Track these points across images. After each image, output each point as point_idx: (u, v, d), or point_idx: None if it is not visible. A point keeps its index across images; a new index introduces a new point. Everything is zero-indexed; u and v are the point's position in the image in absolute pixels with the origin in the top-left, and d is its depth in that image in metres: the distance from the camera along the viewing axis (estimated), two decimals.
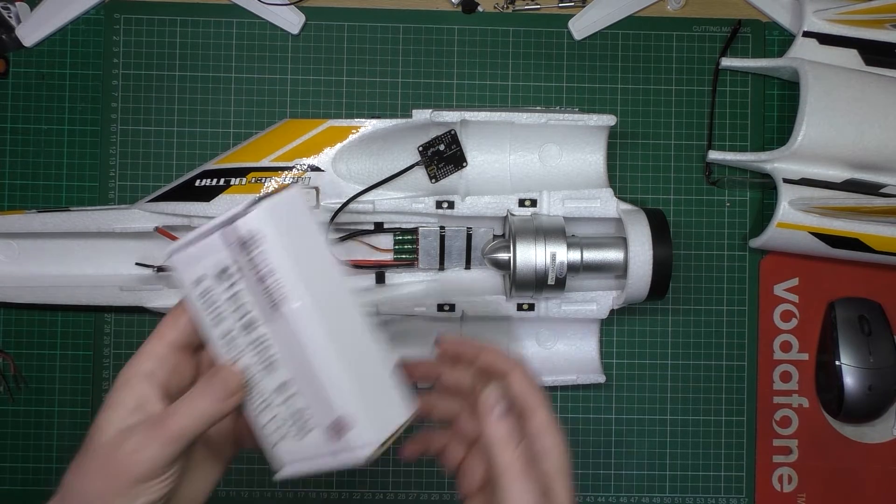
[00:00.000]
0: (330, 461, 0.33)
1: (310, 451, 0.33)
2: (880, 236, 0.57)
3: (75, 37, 0.61)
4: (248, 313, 0.31)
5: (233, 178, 0.56)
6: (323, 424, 0.32)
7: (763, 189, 0.62)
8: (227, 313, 0.32)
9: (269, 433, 0.34)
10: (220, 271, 0.31)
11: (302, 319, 0.31)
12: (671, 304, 0.62)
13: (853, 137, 0.57)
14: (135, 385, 0.33)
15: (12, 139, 0.61)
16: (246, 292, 0.31)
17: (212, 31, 0.61)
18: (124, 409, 0.33)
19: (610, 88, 0.62)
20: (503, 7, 0.62)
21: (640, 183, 0.62)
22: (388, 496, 0.61)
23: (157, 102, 0.61)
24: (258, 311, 0.31)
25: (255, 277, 0.30)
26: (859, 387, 0.59)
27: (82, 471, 0.33)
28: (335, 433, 0.32)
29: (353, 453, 0.32)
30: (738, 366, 0.62)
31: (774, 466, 0.62)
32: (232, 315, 0.32)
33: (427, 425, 0.41)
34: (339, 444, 0.32)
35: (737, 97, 0.63)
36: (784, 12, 0.62)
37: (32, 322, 0.61)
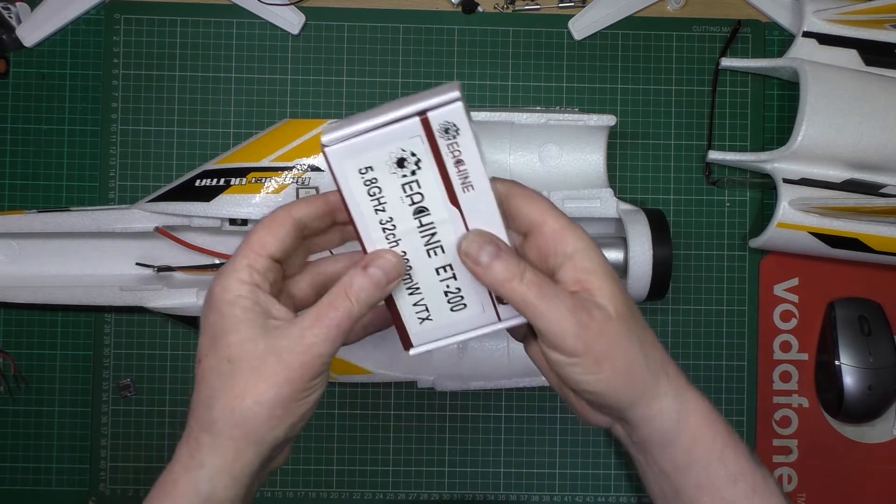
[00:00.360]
0: (483, 330, 0.36)
1: (460, 326, 0.36)
2: (880, 236, 0.57)
3: (75, 37, 0.61)
4: (423, 200, 0.33)
5: (233, 178, 0.56)
6: (482, 299, 0.35)
7: (763, 189, 0.62)
8: (393, 200, 0.33)
9: (415, 313, 0.36)
10: (399, 160, 0.32)
11: (489, 199, 0.33)
12: (671, 304, 0.62)
13: (853, 137, 0.57)
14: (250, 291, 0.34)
15: (12, 139, 0.61)
16: (428, 178, 0.33)
17: (212, 31, 0.61)
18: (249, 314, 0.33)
19: (610, 88, 0.62)
20: (503, 7, 0.62)
21: (640, 183, 0.62)
22: (388, 496, 0.61)
23: (157, 102, 0.61)
24: (438, 196, 0.33)
25: (452, 161, 0.32)
26: (859, 387, 0.59)
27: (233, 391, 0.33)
28: (499, 302, 0.35)
29: (515, 319, 0.36)
30: (737, 366, 0.62)
31: (774, 466, 0.62)
32: (399, 202, 0.33)
33: None
34: (503, 310, 0.36)
35: (737, 97, 0.63)
36: (784, 12, 0.62)
37: (32, 322, 0.61)
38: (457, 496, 0.62)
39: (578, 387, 0.35)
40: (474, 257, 0.33)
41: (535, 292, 0.32)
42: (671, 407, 0.35)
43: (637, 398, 0.35)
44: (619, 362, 0.33)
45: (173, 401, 0.61)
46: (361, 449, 0.61)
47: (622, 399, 0.34)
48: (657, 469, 0.37)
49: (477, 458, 0.62)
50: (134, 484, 0.61)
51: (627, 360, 0.34)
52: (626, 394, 0.34)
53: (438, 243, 0.34)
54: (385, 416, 0.61)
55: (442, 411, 0.62)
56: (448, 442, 0.62)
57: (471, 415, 0.62)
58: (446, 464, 0.62)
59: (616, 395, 0.34)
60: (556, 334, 0.33)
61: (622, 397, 0.34)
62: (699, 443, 0.36)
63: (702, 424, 0.36)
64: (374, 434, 0.61)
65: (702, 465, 0.36)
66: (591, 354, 0.33)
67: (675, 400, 0.35)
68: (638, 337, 0.34)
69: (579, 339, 0.33)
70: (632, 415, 0.35)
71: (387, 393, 0.62)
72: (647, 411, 0.35)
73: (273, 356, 0.33)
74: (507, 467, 0.62)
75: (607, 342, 0.33)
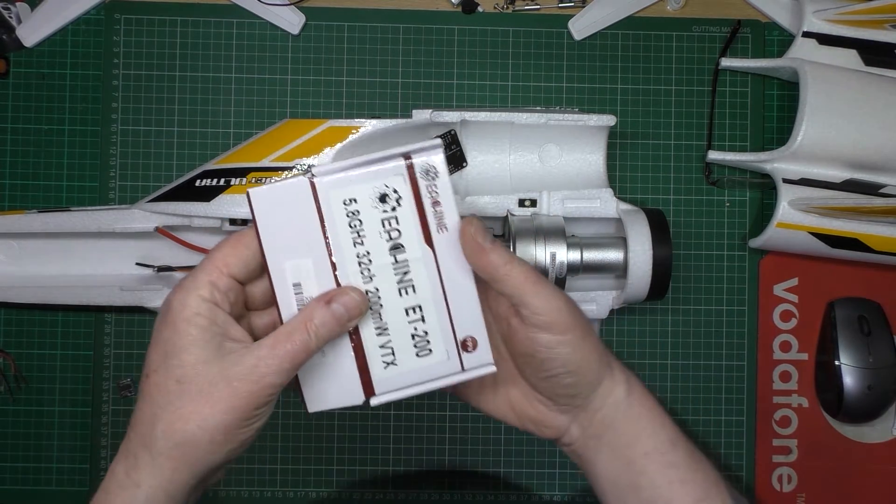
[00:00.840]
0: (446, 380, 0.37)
1: (423, 374, 0.37)
2: (880, 236, 0.57)
3: (75, 37, 0.61)
4: (399, 236, 0.35)
5: (233, 178, 0.56)
6: (447, 345, 0.37)
7: (763, 189, 0.62)
8: (372, 234, 0.35)
9: (380, 356, 0.37)
10: (381, 196, 0.35)
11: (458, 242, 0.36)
12: (671, 304, 0.62)
13: (853, 137, 0.57)
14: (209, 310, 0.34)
15: (12, 139, 0.61)
16: (406, 215, 0.35)
17: (212, 31, 0.61)
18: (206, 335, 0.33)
19: (610, 88, 0.62)
20: (503, 7, 0.62)
21: (640, 183, 0.62)
22: (388, 496, 0.61)
23: (157, 102, 0.61)
24: (414, 234, 0.35)
25: (430, 201, 0.35)
26: (859, 387, 0.59)
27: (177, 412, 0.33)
28: (463, 350, 0.37)
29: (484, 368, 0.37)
30: (737, 366, 0.62)
31: (774, 466, 0.62)
32: (377, 237, 0.35)
33: None
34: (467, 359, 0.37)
35: (737, 97, 0.63)
36: (784, 12, 0.62)
37: (32, 322, 0.61)
38: (457, 496, 0.62)
39: (565, 367, 0.38)
40: (479, 240, 0.35)
41: (530, 275, 0.36)
42: (622, 379, 0.40)
43: (603, 375, 0.39)
44: (580, 330, 0.38)
45: None
46: (361, 449, 0.61)
47: (595, 376, 0.39)
48: (608, 453, 0.40)
49: (477, 458, 0.62)
50: None
51: (586, 329, 0.38)
52: (598, 371, 0.39)
53: (410, 282, 0.36)
54: (385, 416, 0.61)
55: (442, 411, 0.62)
56: (448, 442, 0.62)
57: (471, 415, 0.62)
58: (446, 464, 0.62)
59: (592, 373, 0.38)
60: (550, 310, 0.36)
61: (595, 375, 0.38)
62: (644, 413, 0.40)
63: (643, 394, 0.41)
64: (374, 434, 0.61)
65: (647, 433, 0.40)
66: (578, 329, 0.37)
67: (622, 374, 0.40)
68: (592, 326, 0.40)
69: (570, 313, 0.37)
70: (597, 394, 0.39)
71: None
72: (609, 387, 0.39)
73: (223, 382, 0.33)
74: (507, 467, 0.62)
75: (571, 317, 0.37)
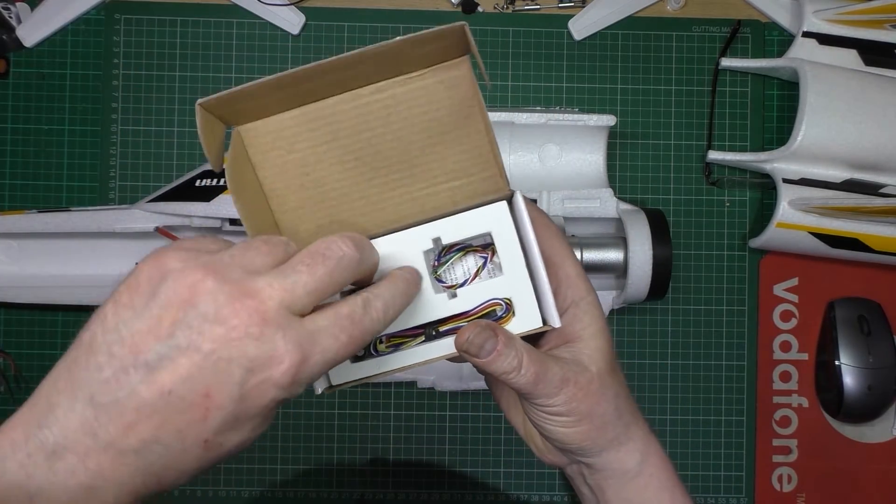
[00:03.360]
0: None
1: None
2: (880, 236, 0.57)
3: (75, 37, 0.61)
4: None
5: None
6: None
7: (763, 189, 0.62)
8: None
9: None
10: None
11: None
12: (671, 304, 0.62)
13: (853, 137, 0.57)
14: None
15: (12, 139, 0.61)
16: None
17: (212, 31, 0.61)
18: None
19: (610, 88, 0.62)
20: (503, 7, 0.62)
21: (640, 183, 0.62)
22: (388, 496, 0.61)
23: (157, 102, 0.61)
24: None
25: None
26: (859, 387, 0.59)
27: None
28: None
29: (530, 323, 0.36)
30: (737, 366, 0.62)
31: (774, 466, 0.62)
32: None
33: None
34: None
35: (737, 97, 0.63)
36: (784, 12, 0.62)
37: (32, 322, 0.61)
38: (457, 496, 0.62)
39: (553, 436, 0.37)
40: (475, 352, 0.33)
41: (531, 380, 0.34)
42: (637, 449, 0.38)
43: (606, 446, 0.38)
44: (596, 419, 0.36)
45: None
46: (361, 449, 0.61)
47: (593, 448, 0.38)
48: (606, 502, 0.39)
49: (477, 458, 0.62)
50: None
51: (603, 416, 0.37)
52: (597, 443, 0.37)
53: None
54: (385, 416, 0.61)
55: (442, 411, 0.62)
56: (448, 442, 0.62)
57: (471, 415, 0.62)
58: (446, 464, 0.62)
59: (589, 445, 0.37)
60: (545, 405, 0.36)
61: (594, 446, 0.37)
62: (654, 482, 0.39)
63: (659, 465, 0.39)
64: (374, 434, 0.61)
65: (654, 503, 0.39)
66: (573, 415, 0.36)
67: (641, 443, 0.39)
68: (615, 393, 0.37)
69: (566, 405, 0.35)
70: (597, 459, 0.38)
71: (387, 393, 0.62)
72: (615, 455, 0.38)
73: None
74: (507, 467, 0.62)
75: (588, 404, 0.36)
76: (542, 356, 0.35)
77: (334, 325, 0.28)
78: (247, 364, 0.26)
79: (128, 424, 0.26)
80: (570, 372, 0.35)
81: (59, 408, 0.26)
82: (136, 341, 0.26)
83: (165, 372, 0.26)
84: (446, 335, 0.35)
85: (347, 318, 0.29)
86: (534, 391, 0.35)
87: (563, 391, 0.35)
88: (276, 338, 0.26)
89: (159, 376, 0.26)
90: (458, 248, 0.36)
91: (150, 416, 0.26)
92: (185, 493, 0.61)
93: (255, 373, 0.26)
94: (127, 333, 0.26)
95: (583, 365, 0.36)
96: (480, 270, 0.35)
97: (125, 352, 0.26)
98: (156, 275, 0.27)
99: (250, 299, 0.26)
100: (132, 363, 0.26)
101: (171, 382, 0.26)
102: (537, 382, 0.34)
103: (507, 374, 0.34)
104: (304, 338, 0.27)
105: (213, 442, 0.27)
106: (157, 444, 0.26)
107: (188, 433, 0.26)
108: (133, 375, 0.26)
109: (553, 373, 0.35)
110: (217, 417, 0.26)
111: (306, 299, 0.28)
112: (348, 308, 0.29)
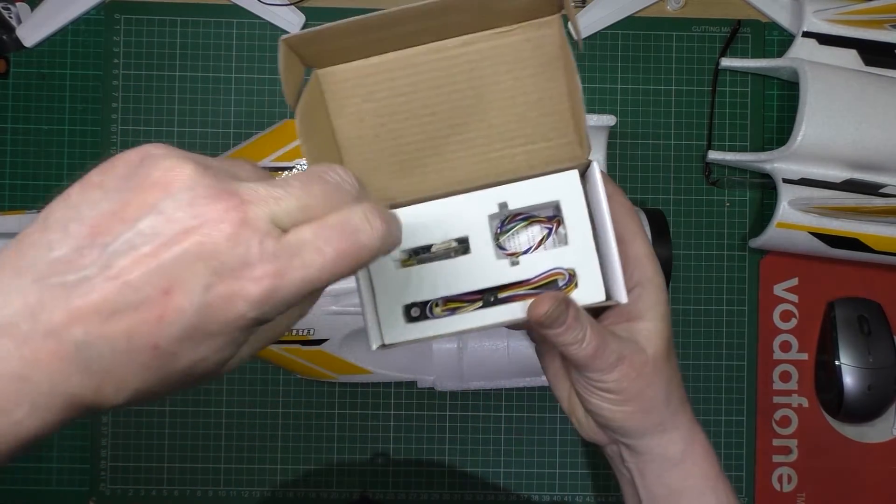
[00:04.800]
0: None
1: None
2: (879, 236, 0.57)
3: (76, 37, 0.61)
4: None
5: None
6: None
7: (763, 189, 0.62)
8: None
9: None
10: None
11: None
12: (671, 304, 0.62)
13: (853, 137, 0.57)
14: None
15: (12, 139, 0.61)
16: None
17: (212, 31, 0.61)
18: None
19: (610, 88, 0.62)
20: None
21: (640, 183, 0.62)
22: (387, 496, 0.61)
23: (157, 102, 0.61)
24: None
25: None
26: (859, 386, 0.59)
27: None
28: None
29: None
30: (737, 366, 0.62)
31: (774, 466, 0.62)
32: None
33: None
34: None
35: (737, 97, 0.63)
36: (784, 12, 0.62)
37: None
38: (457, 496, 0.62)
39: (598, 412, 0.37)
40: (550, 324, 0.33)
41: (591, 353, 0.34)
42: (681, 437, 0.38)
43: (651, 430, 0.37)
44: (645, 401, 0.36)
45: (173, 401, 0.61)
46: (361, 449, 0.61)
47: (637, 430, 0.37)
48: (648, 492, 0.39)
49: (477, 458, 0.62)
50: (134, 484, 0.61)
51: (652, 399, 0.36)
52: (643, 426, 0.37)
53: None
54: (385, 416, 0.61)
55: (442, 411, 0.62)
56: (448, 442, 0.62)
57: (471, 415, 0.62)
58: (446, 464, 0.62)
59: (633, 426, 0.37)
60: (597, 379, 0.35)
61: (638, 428, 0.37)
62: (697, 471, 0.38)
63: (702, 455, 0.38)
64: (374, 434, 0.61)
65: (695, 493, 0.38)
66: (622, 394, 0.36)
67: (685, 431, 0.38)
68: (667, 378, 0.37)
69: (617, 383, 0.35)
70: (640, 442, 0.38)
71: (387, 393, 0.62)
72: (658, 441, 0.38)
73: None
74: (507, 467, 0.62)
75: (639, 385, 0.36)
76: (604, 331, 0.34)
77: (318, 237, 0.24)
78: (216, 265, 0.23)
79: (74, 312, 0.22)
80: (627, 350, 0.35)
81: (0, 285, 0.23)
82: (98, 222, 0.23)
83: (125, 258, 0.22)
84: (504, 302, 0.34)
85: (336, 228, 0.24)
86: (590, 364, 0.34)
87: (618, 368, 0.35)
88: (251, 242, 0.23)
89: (117, 262, 0.22)
90: (522, 217, 0.35)
91: (100, 306, 0.22)
92: (185, 493, 0.61)
93: (224, 278, 0.23)
94: (89, 213, 0.23)
95: (639, 346, 0.36)
96: (545, 240, 0.35)
97: (84, 231, 0.23)
98: (135, 158, 0.24)
99: (231, 197, 0.23)
100: (88, 244, 0.22)
101: (129, 271, 0.22)
102: (596, 357, 0.34)
103: (570, 345, 0.34)
104: (284, 249, 0.23)
105: (164, 350, 0.23)
106: (101, 340, 0.22)
107: (138, 332, 0.22)
108: (87, 257, 0.22)
109: (611, 349, 0.34)
110: (174, 321, 0.23)
111: (295, 214, 0.24)
112: (339, 217, 0.24)
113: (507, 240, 0.35)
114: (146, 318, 0.22)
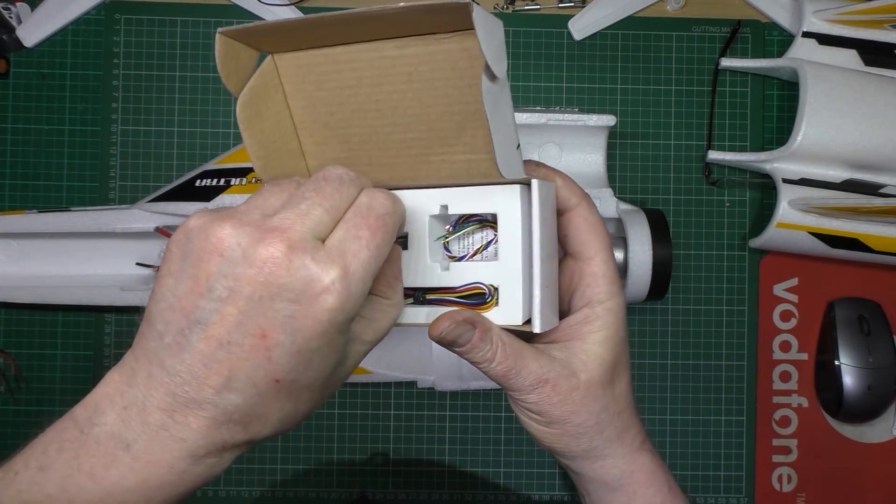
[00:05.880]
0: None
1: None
2: (879, 236, 0.57)
3: (76, 37, 0.61)
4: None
5: (233, 178, 0.56)
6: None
7: (763, 189, 0.62)
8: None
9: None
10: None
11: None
12: (671, 304, 0.62)
13: (853, 137, 0.57)
14: None
15: (13, 139, 0.61)
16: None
17: (212, 32, 0.61)
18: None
19: (610, 88, 0.62)
20: (503, 7, 0.62)
21: (640, 183, 0.62)
22: (388, 496, 0.61)
23: (157, 102, 0.61)
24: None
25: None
26: (858, 386, 0.59)
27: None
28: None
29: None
30: (737, 366, 0.62)
31: (774, 466, 0.62)
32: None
33: None
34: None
35: (737, 97, 0.63)
36: (783, 13, 0.62)
37: (33, 322, 0.61)
38: (457, 496, 0.62)
39: (527, 429, 0.37)
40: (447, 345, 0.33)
41: (502, 374, 0.33)
42: (616, 466, 0.37)
43: (581, 455, 0.37)
44: (570, 427, 0.35)
45: None
46: (361, 449, 0.61)
47: (566, 452, 0.37)
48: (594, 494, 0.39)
49: (477, 458, 0.62)
50: None
51: (581, 426, 0.35)
52: (570, 450, 0.36)
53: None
54: (385, 416, 0.62)
55: (442, 411, 0.62)
56: (448, 442, 0.62)
57: (471, 415, 0.62)
58: (446, 464, 0.62)
59: (560, 448, 0.36)
60: (518, 399, 0.35)
61: (566, 451, 0.37)
62: (638, 500, 0.38)
63: (645, 483, 0.38)
64: (374, 434, 0.61)
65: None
66: (544, 416, 0.35)
67: (622, 460, 0.37)
68: (602, 406, 0.35)
69: (537, 405, 0.34)
70: (573, 463, 0.38)
71: (387, 393, 0.62)
72: (591, 465, 0.37)
73: None
74: (507, 467, 0.62)
75: (563, 410, 0.35)
76: (522, 352, 0.34)
77: (349, 230, 0.28)
78: (287, 295, 0.27)
79: (200, 380, 0.27)
80: (552, 373, 0.34)
81: (140, 373, 0.28)
82: (183, 304, 0.27)
83: (216, 325, 0.27)
84: (433, 304, 0.34)
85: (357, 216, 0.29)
86: (505, 384, 0.34)
87: (537, 391, 0.34)
88: (305, 262, 0.27)
89: (213, 330, 0.27)
90: (476, 220, 0.34)
91: (218, 368, 0.27)
92: None
93: (300, 301, 0.27)
94: (174, 299, 0.27)
95: (571, 369, 0.34)
96: (482, 250, 0.34)
97: (177, 316, 0.27)
98: (182, 239, 0.28)
99: (271, 234, 0.27)
100: (186, 325, 0.27)
101: (226, 332, 0.27)
102: (508, 377, 0.33)
103: (479, 363, 0.33)
104: (333, 252, 0.27)
105: (285, 380, 0.28)
106: (230, 393, 0.27)
107: (257, 376, 0.27)
108: (190, 336, 0.27)
109: (528, 370, 0.33)
110: (280, 355, 0.27)
111: (325, 219, 0.28)
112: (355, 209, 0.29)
113: (456, 240, 0.35)
114: (257, 362, 0.27)
